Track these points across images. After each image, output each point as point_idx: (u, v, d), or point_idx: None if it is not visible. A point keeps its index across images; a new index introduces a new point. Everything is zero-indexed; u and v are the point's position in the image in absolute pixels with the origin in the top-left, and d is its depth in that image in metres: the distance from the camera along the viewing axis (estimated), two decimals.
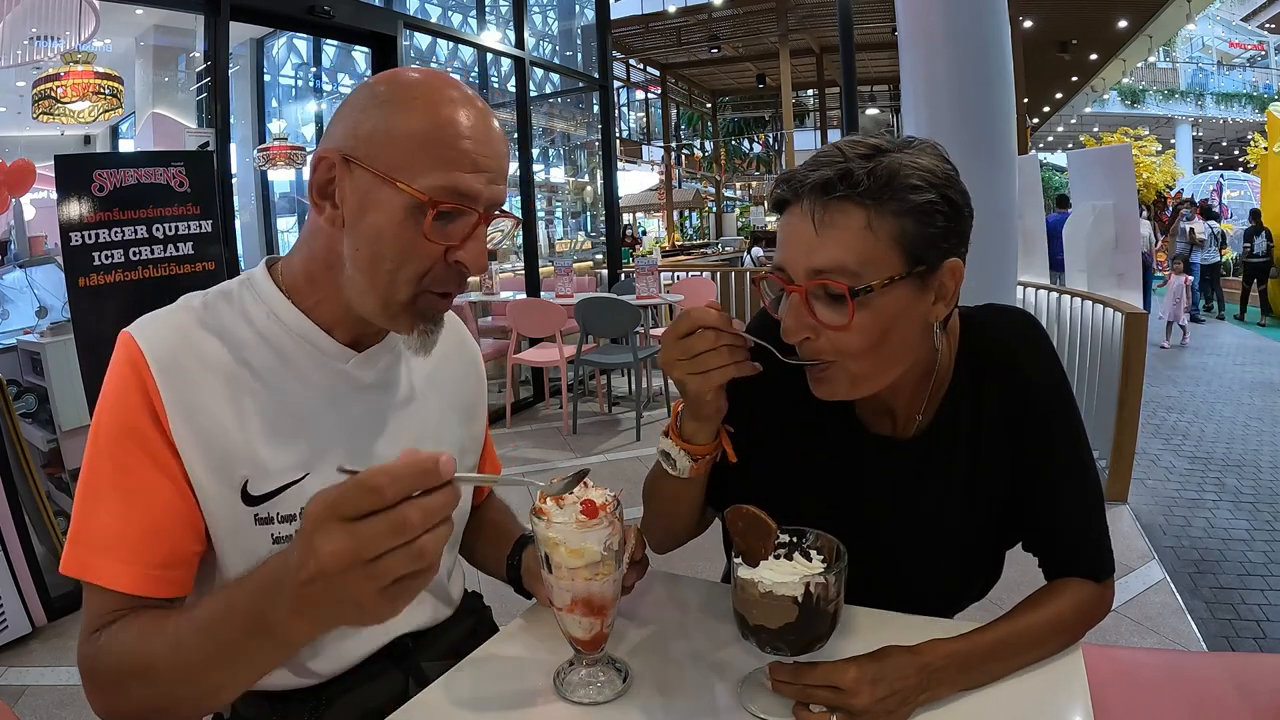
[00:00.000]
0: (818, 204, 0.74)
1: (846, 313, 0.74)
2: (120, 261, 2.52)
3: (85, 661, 0.70)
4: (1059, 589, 0.86)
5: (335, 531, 0.50)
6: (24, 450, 2.68)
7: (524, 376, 5.54)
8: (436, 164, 0.71)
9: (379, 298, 0.75)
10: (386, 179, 0.71)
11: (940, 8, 2.86)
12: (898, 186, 0.73)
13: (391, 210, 0.71)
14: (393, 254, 0.73)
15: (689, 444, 0.85)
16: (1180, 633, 2.24)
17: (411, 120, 0.72)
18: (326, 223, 0.75)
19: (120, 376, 0.75)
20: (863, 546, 0.76)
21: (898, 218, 0.74)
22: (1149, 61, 21.14)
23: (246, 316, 0.80)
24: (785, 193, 0.78)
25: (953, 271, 0.78)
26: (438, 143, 0.71)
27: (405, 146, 0.71)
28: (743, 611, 0.72)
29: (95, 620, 0.72)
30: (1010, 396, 0.87)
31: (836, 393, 0.80)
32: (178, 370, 0.74)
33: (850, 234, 0.73)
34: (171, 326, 0.77)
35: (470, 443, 0.99)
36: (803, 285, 0.75)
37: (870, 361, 0.78)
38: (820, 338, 0.77)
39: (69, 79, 4.36)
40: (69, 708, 2.07)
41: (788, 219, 0.78)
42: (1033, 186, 4.99)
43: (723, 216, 21.66)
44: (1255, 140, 14.99)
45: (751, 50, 16.70)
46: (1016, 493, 0.89)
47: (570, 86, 7.60)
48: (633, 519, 0.90)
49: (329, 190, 0.75)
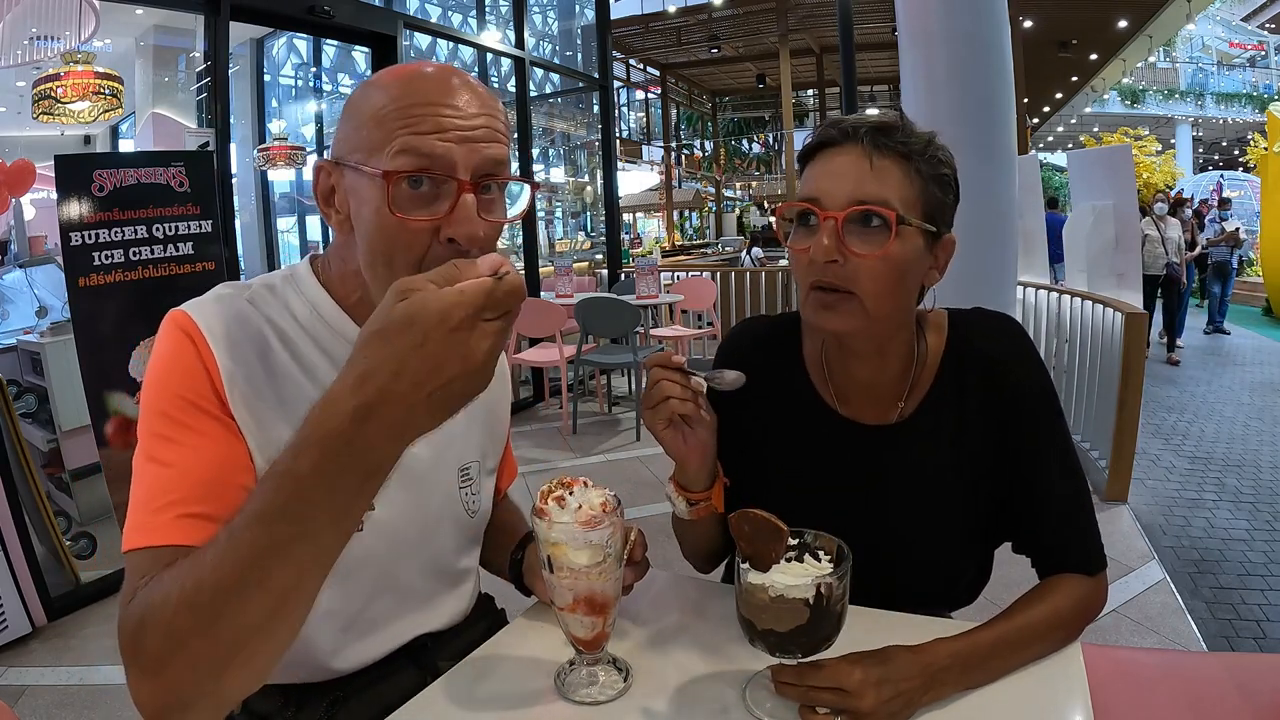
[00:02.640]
0: (875, 144, 0.81)
1: (880, 243, 0.80)
2: (120, 261, 2.52)
3: (126, 624, 0.56)
4: (1054, 585, 0.87)
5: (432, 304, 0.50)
6: (24, 450, 2.68)
7: (524, 376, 5.54)
8: (392, 134, 0.67)
9: (382, 290, 0.74)
10: (359, 168, 0.70)
11: (940, 8, 2.86)
12: (931, 153, 0.83)
13: (371, 198, 0.69)
14: (382, 244, 0.69)
15: (686, 491, 0.89)
16: (1180, 633, 2.24)
17: (373, 101, 0.70)
18: (336, 229, 0.76)
19: (175, 347, 0.72)
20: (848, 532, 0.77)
21: (926, 180, 0.82)
22: (1149, 61, 21.14)
23: (290, 309, 0.80)
24: (835, 134, 0.83)
25: (948, 245, 0.87)
26: (394, 114, 0.68)
27: (369, 129, 0.69)
28: (750, 617, 0.72)
29: (137, 580, 0.60)
30: (995, 397, 0.89)
31: (845, 324, 0.83)
32: (233, 345, 0.73)
33: (897, 176, 0.81)
34: (224, 306, 0.76)
35: (492, 445, 0.99)
36: (841, 212, 0.80)
37: (883, 300, 0.82)
38: (846, 264, 0.81)
39: (69, 79, 4.36)
40: (69, 708, 2.07)
41: (833, 156, 0.83)
42: (1033, 186, 4.99)
43: (723, 216, 21.66)
44: (1255, 140, 14.99)
45: (751, 50, 16.70)
46: (1004, 492, 0.90)
47: (570, 86, 7.60)
48: (633, 519, 0.90)
49: (332, 197, 0.75)
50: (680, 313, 5.99)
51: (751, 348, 1.00)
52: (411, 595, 0.88)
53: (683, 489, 0.89)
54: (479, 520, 0.95)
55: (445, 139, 0.68)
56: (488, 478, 0.98)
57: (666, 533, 1.00)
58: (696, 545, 0.99)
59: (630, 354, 4.55)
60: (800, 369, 0.97)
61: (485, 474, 0.97)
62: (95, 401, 2.53)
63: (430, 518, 0.88)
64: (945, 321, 0.94)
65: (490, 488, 0.98)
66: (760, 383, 0.92)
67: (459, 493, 0.91)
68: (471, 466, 0.93)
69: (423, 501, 0.86)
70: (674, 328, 5.73)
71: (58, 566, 2.69)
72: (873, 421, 0.93)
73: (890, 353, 0.90)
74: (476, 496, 0.94)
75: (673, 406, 0.81)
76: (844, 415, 0.94)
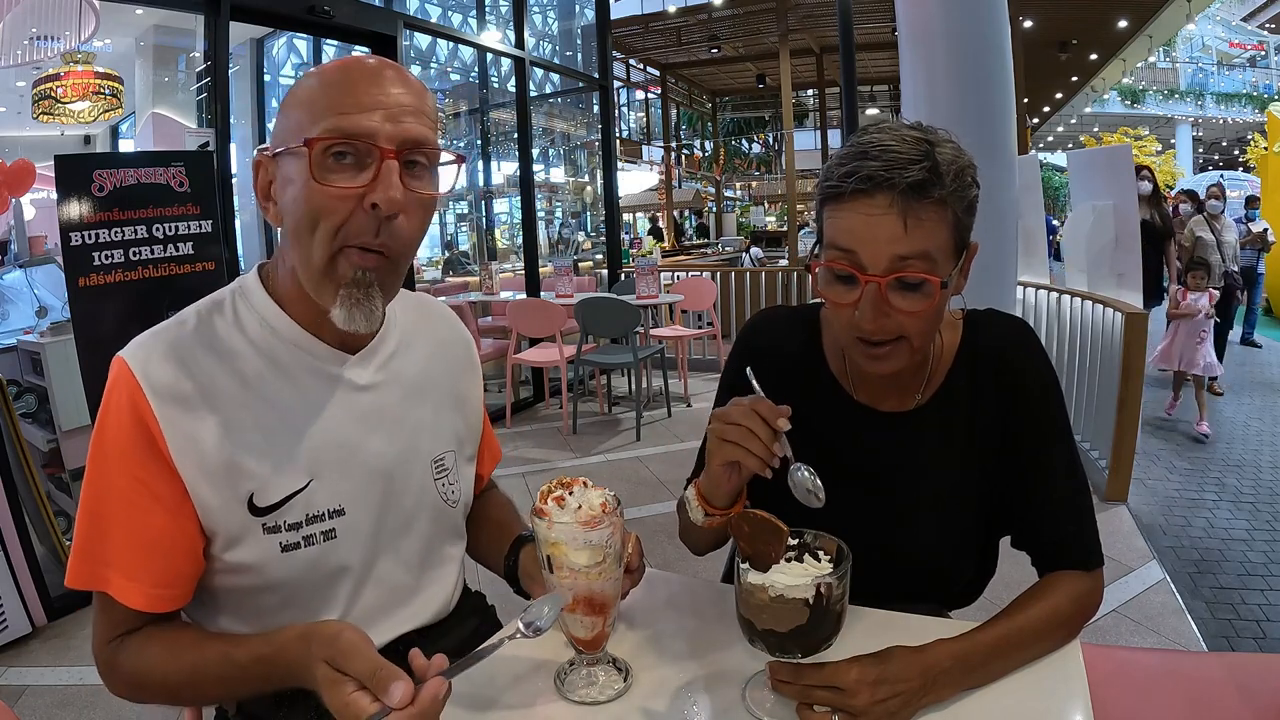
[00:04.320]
0: (910, 203, 0.77)
1: (924, 298, 0.80)
2: (120, 261, 2.52)
3: (104, 664, 0.78)
4: (1053, 582, 0.88)
5: (335, 689, 0.63)
6: (24, 450, 2.68)
7: (524, 376, 5.54)
8: (320, 114, 0.71)
9: (306, 268, 0.75)
10: (288, 150, 0.73)
11: (940, 8, 2.86)
12: (963, 183, 0.81)
13: (297, 174, 0.72)
14: (307, 215, 0.72)
15: (707, 503, 0.86)
16: (1180, 633, 2.24)
17: (303, 88, 0.74)
18: (274, 222, 0.77)
19: (117, 403, 0.75)
20: (859, 517, 0.77)
21: (958, 211, 0.81)
22: (1149, 61, 21.13)
23: (240, 327, 0.80)
24: (864, 186, 0.78)
25: (973, 251, 0.86)
26: (320, 96, 0.72)
27: (298, 113, 0.73)
28: (750, 617, 0.72)
29: (110, 629, 0.77)
30: (1005, 392, 0.92)
31: (896, 366, 0.85)
32: (173, 394, 0.75)
33: (932, 228, 0.79)
34: (165, 347, 0.77)
35: (467, 433, 0.99)
36: (883, 276, 0.78)
37: (929, 336, 0.86)
38: (890, 320, 0.80)
39: (69, 79, 4.37)
40: (69, 708, 2.07)
41: (865, 209, 0.79)
42: (1033, 186, 4.98)
43: (723, 216, 21.64)
44: (1255, 140, 15.01)
45: (751, 50, 16.68)
46: (1008, 485, 0.92)
47: (570, 86, 7.60)
48: (633, 519, 0.90)
49: (269, 190, 0.77)
50: (680, 313, 5.99)
51: (772, 334, 1.01)
52: (396, 591, 0.88)
53: (705, 500, 0.87)
54: (460, 509, 0.96)
55: (370, 116, 0.71)
56: (467, 465, 0.98)
57: (667, 533, 1.01)
58: (699, 540, 1.00)
59: (630, 354, 4.55)
60: (820, 357, 0.99)
61: (464, 462, 0.97)
62: (95, 401, 2.52)
63: (405, 513, 0.88)
64: (960, 320, 0.97)
65: (470, 474, 0.99)
66: (780, 368, 0.96)
67: (434, 484, 0.91)
68: (446, 456, 0.93)
69: (395, 498, 0.87)
70: (674, 328, 5.73)
71: (58, 566, 2.69)
72: (890, 409, 0.95)
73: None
74: (455, 486, 0.94)
75: (746, 464, 0.77)
76: (862, 402, 0.96)
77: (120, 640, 0.77)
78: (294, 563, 0.80)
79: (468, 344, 1.02)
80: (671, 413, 4.94)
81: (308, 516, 0.80)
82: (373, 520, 0.85)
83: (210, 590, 0.81)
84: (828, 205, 0.83)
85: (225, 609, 0.82)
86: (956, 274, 0.83)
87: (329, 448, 0.81)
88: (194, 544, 0.77)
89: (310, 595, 0.82)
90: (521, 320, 4.78)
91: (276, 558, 0.79)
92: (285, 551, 0.79)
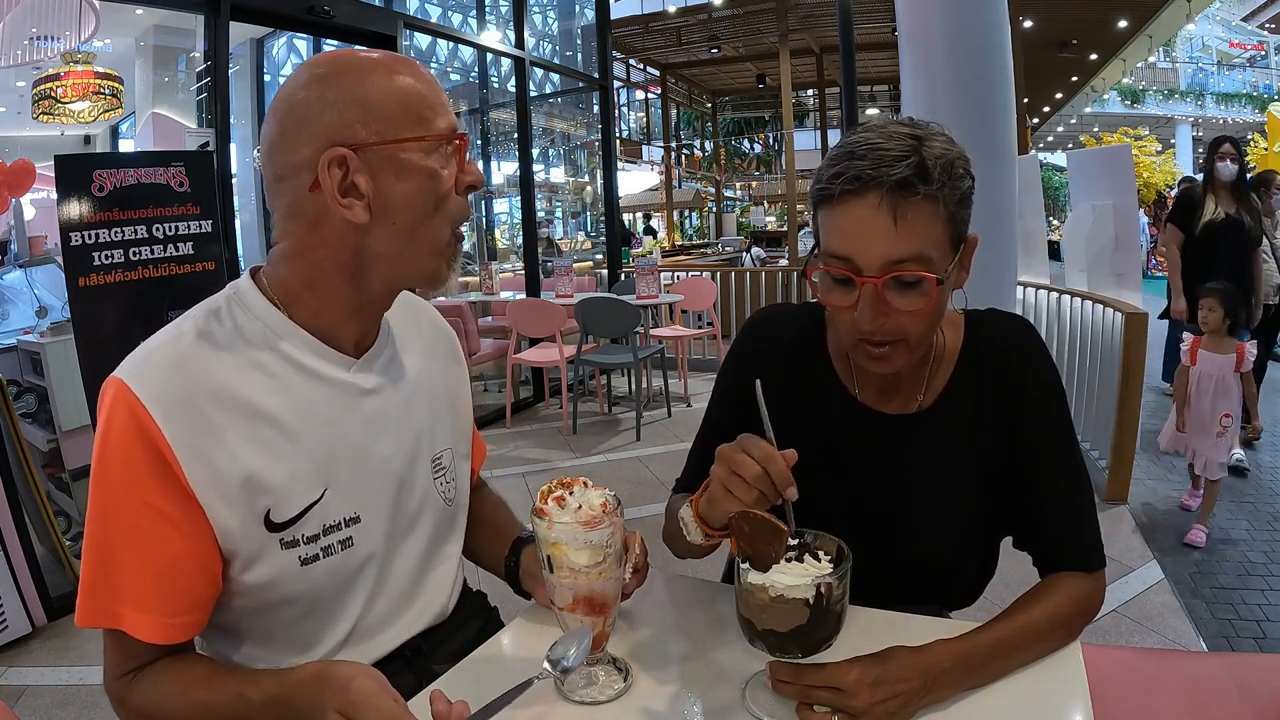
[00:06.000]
0: (899, 200, 0.77)
1: (921, 298, 0.79)
2: (120, 261, 2.52)
3: (116, 698, 0.77)
4: (1054, 583, 0.88)
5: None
6: (24, 450, 2.68)
7: (524, 376, 5.54)
8: (435, 110, 0.76)
9: (431, 254, 0.78)
10: (403, 141, 0.74)
11: (940, 8, 2.86)
12: (954, 176, 0.79)
13: (418, 167, 0.74)
14: (431, 205, 0.76)
15: (705, 524, 0.84)
16: (1180, 633, 2.24)
17: (380, 87, 0.74)
18: (347, 222, 0.73)
19: (120, 427, 0.71)
20: (862, 517, 0.76)
21: (952, 208, 0.80)
22: (1149, 61, 21.12)
23: (241, 335, 0.77)
24: (852, 186, 0.78)
25: (972, 244, 0.85)
26: (415, 95, 0.75)
27: (397, 110, 0.74)
28: (750, 617, 0.72)
29: (122, 663, 0.76)
30: (1008, 392, 0.92)
31: (897, 365, 0.85)
32: (182, 412, 0.71)
33: (924, 225, 0.78)
34: (166, 365, 0.73)
35: (461, 430, 0.99)
36: (879, 277, 0.78)
37: (929, 334, 0.87)
38: (890, 319, 0.80)
39: (69, 79, 4.37)
40: (69, 708, 2.07)
41: (855, 210, 0.79)
42: (1033, 186, 4.97)
43: (723, 216, 21.64)
44: (1255, 140, 14.99)
45: (751, 50, 16.68)
46: (1011, 485, 0.92)
47: (570, 86, 7.60)
48: (633, 519, 0.90)
49: (348, 188, 0.73)
50: (680, 313, 5.99)
51: (775, 332, 1.01)
52: (402, 593, 0.88)
53: (703, 521, 0.85)
54: (457, 507, 0.96)
55: (449, 112, 0.79)
56: (463, 462, 0.98)
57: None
58: (687, 550, 0.97)
59: (630, 354, 4.55)
60: (824, 357, 0.99)
61: (460, 459, 0.97)
62: (95, 401, 2.52)
63: (411, 513, 0.88)
64: (961, 319, 0.96)
65: (466, 471, 0.99)
66: (784, 367, 0.96)
67: (434, 483, 0.91)
68: (444, 455, 0.93)
69: (404, 499, 0.87)
70: (674, 328, 5.73)
71: (58, 566, 2.69)
72: (893, 411, 0.95)
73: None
74: (452, 484, 0.94)
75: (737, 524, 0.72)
76: (865, 403, 0.96)
77: (133, 675, 0.76)
78: (313, 575, 0.78)
79: (452, 339, 1.01)
80: (671, 413, 4.94)
81: (325, 527, 0.79)
82: (385, 524, 0.84)
83: (227, 608, 0.79)
84: (821, 208, 0.83)
85: (242, 624, 0.81)
86: (955, 269, 0.83)
87: (341, 455, 0.80)
88: (212, 566, 0.74)
89: (329, 604, 0.81)
90: (521, 320, 4.78)
91: (296, 572, 0.77)
92: (305, 565, 0.77)
